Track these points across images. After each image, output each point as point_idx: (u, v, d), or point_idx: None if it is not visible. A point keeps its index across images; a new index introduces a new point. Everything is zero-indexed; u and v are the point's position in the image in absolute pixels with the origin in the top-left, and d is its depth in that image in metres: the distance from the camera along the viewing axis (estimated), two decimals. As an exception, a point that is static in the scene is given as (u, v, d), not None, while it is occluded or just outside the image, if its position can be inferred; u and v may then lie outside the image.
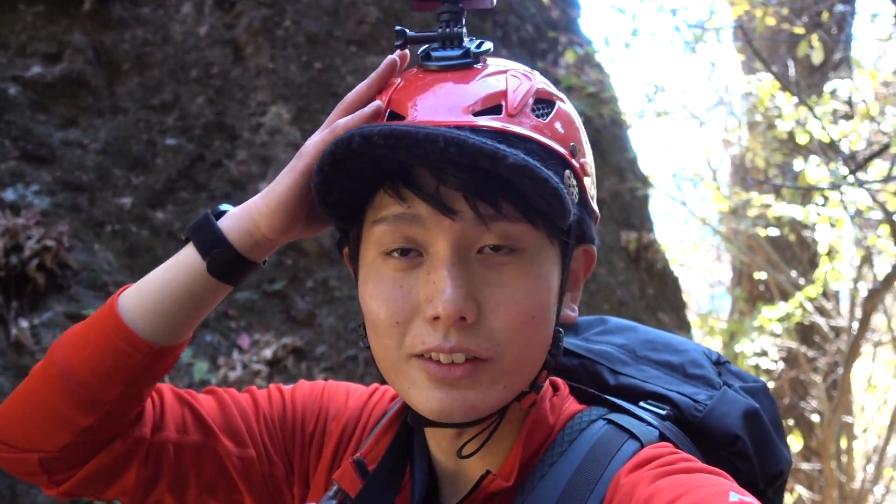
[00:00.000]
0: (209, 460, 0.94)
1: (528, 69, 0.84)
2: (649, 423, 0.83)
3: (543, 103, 0.80)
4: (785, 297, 5.32)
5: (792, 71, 4.80)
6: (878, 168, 4.49)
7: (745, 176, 6.04)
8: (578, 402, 0.89)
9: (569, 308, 0.85)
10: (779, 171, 5.56)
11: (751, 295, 6.02)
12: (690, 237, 7.25)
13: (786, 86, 4.01)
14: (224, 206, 0.90)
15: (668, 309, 4.51)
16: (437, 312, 0.73)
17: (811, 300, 5.09)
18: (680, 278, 4.92)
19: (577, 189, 0.80)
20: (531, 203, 0.72)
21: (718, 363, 0.95)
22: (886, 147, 3.42)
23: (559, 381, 0.90)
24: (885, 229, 4.60)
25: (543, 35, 4.44)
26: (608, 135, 4.52)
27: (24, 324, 2.70)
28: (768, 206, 4.63)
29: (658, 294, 4.50)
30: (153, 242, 3.08)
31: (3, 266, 2.69)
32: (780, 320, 4.87)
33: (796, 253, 5.74)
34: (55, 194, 2.95)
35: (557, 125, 0.79)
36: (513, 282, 0.75)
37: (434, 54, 0.80)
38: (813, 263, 5.57)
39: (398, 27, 0.84)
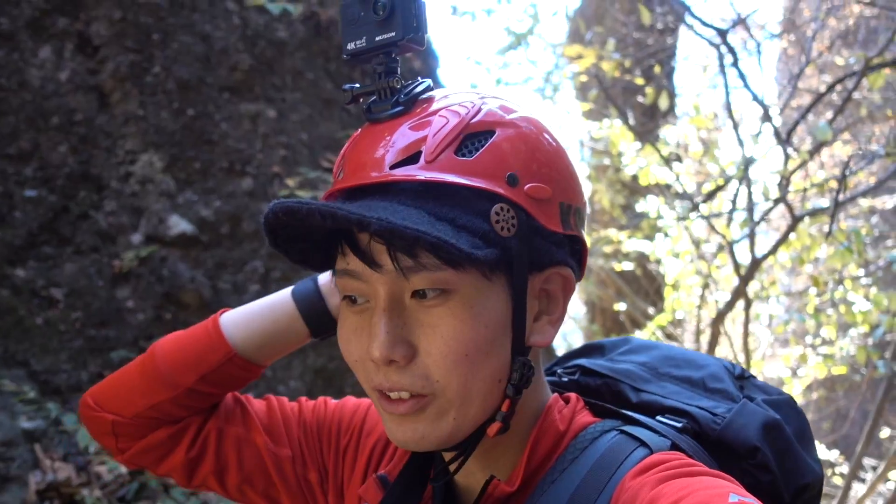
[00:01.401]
0: (248, 451, 1.04)
1: (476, 99, 0.83)
2: (663, 435, 0.85)
3: (476, 137, 0.80)
4: (638, 326, 5.69)
5: (631, 119, 5.24)
6: (710, 206, 4.98)
7: (591, 216, 6.46)
8: (593, 416, 0.90)
9: (539, 334, 0.84)
10: (622, 210, 6.01)
11: (604, 327, 6.38)
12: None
13: (631, 131, 4.38)
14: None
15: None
16: (372, 356, 0.78)
17: (662, 328, 5.48)
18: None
19: (513, 221, 0.78)
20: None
21: (742, 377, 0.97)
22: (725, 184, 3.81)
23: (571, 395, 0.92)
24: (721, 257, 5.09)
25: (408, 84, 4.56)
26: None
27: None
28: (621, 242, 4.97)
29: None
30: (15, 302, 2.81)
31: None
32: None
33: (642, 285, 6.18)
34: None
35: (490, 158, 0.79)
36: (442, 323, 0.77)
37: (373, 107, 0.82)
38: (658, 294, 6.02)
39: (345, 85, 0.85)
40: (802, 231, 4.50)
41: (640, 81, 4.62)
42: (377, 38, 0.81)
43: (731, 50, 3.51)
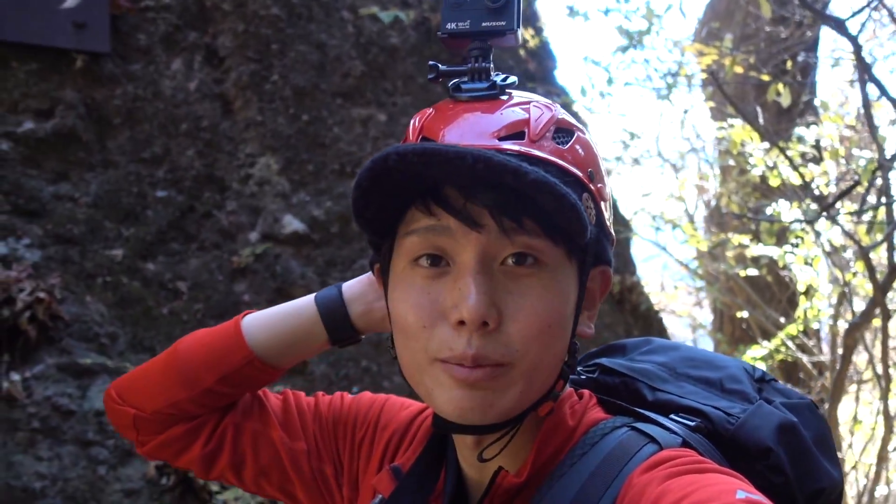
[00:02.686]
0: (264, 446, 1.06)
1: (550, 102, 0.89)
2: (674, 432, 0.84)
3: (563, 132, 0.85)
4: (767, 336, 5.39)
5: (760, 118, 4.97)
6: (848, 207, 4.64)
7: (719, 221, 6.18)
8: (606, 413, 0.91)
9: (585, 325, 0.88)
10: (752, 213, 5.71)
11: (733, 336, 6.09)
12: (670, 282, 7.34)
13: (756, 130, 4.16)
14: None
15: (653, 350, 4.56)
16: (461, 316, 0.76)
17: (793, 338, 5.17)
18: (663, 318, 4.98)
19: (594, 211, 0.84)
20: (552, 220, 0.77)
21: (762, 380, 0.96)
22: (856, 185, 3.54)
23: (585, 391, 0.93)
24: (859, 266, 4.73)
25: (521, 87, 4.57)
26: (588, 181, 4.62)
27: (16, 377, 2.68)
28: (745, 246, 4.74)
29: (643, 335, 4.55)
30: (144, 293, 3.08)
31: (-7, 319, 2.68)
32: (764, 359, 4.93)
33: (775, 293, 5.84)
34: (46, 247, 2.96)
35: (576, 151, 0.84)
36: (532, 292, 0.79)
37: (463, 86, 0.85)
38: (792, 302, 5.68)
39: (431, 62, 0.89)
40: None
41: (766, 78, 4.39)
42: (483, 24, 0.85)
43: (863, 63, 3.25)
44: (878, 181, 3.97)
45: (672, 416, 0.89)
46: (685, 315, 8.04)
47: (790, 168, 4.36)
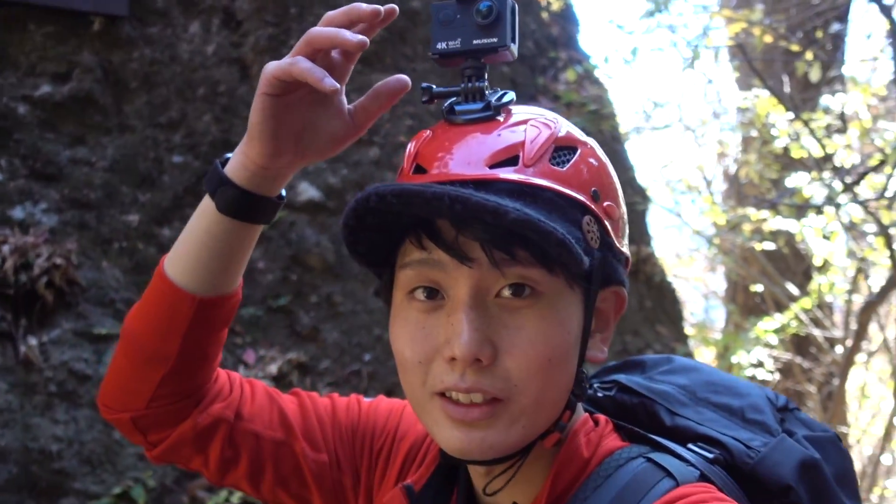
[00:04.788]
0: (286, 457, 1.01)
1: (553, 117, 0.85)
2: (692, 464, 0.82)
3: (564, 150, 0.82)
4: (780, 308, 5.38)
5: (787, 87, 4.86)
6: (871, 183, 4.56)
7: (738, 190, 6.11)
8: (622, 440, 0.89)
9: (597, 349, 0.86)
10: (772, 185, 5.63)
11: (745, 306, 6.07)
12: (686, 249, 7.29)
13: (781, 101, 4.08)
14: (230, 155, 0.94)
15: (666, 321, 4.56)
16: (453, 353, 0.76)
17: (806, 311, 5.15)
18: (677, 290, 4.97)
19: (597, 234, 0.81)
20: (545, 250, 0.74)
21: (785, 409, 0.94)
22: (882, 164, 3.48)
23: (601, 417, 0.91)
24: (879, 242, 4.67)
25: (544, 51, 4.49)
26: (607, 150, 4.51)
27: (33, 341, 2.72)
28: (764, 220, 4.69)
29: (656, 306, 4.54)
30: (160, 259, 3.10)
31: (12, 284, 2.71)
32: (776, 331, 4.92)
33: (791, 265, 5.80)
34: (63, 212, 2.98)
35: (578, 171, 0.82)
36: (529, 325, 0.77)
37: (457, 108, 0.84)
38: (807, 275, 5.64)
39: (424, 84, 0.87)
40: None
41: (795, 48, 4.27)
42: (475, 42, 0.83)
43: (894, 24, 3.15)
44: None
45: (690, 445, 0.87)
46: (699, 280, 8.02)
47: (813, 139, 4.28)
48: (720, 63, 5.78)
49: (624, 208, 0.89)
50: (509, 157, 0.79)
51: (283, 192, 0.95)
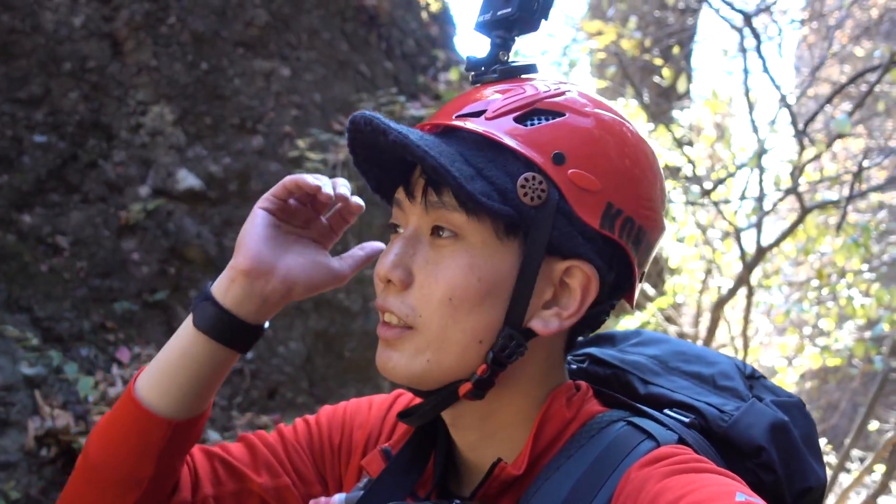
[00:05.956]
0: (249, 501, 1.00)
1: (567, 86, 0.87)
2: (670, 428, 0.85)
3: (543, 113, 0.83)
4: (638, 307, 5.70)
5: (646, 99, 5.18)
6: (721, 192, 4.96)
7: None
8: (602, 405, 0.90)
9: (543, 320, 0.84)
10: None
11: (604, 306, 6.38)
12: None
13: (646, 111, 4.34)
14: None
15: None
16: (377, 271, 0.85)
17: (661, 310, 5.49)
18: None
19: (544, 193, 0.79)
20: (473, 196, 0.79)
21: (752, 377, 0.97)
22: (737, 170, 3.79)
23: (582, 383, 0.92)
24: (726, 245, 5.07)
25: (424, 50, 4.51)
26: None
27: None
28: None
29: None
30: (20, 248, 2.80)
31: None
32: (638, 328, 5.20)
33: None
34: None
35: (543, 133, 0.82)
36: (441, 262, 0.82)
37: (480, 75, 0.91)
38: (661, 276, 6.02)
39: (468, 55, 0.93)
40: (810, 221, 4.47)
41: (658, 62, 4.56)
42: (498, 13, 0.89)
43: (755, 33, 3.45)
44: (752, 170, 4.26)
45: (666, 410, 0.89)
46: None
47: (674, 149, 4.58)
48: (586, 73, 6.07)
49: (634, 197, 0.84)
50: (476, 111, 0.84)
51: (267, 325, 0.94)
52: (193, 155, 3.23)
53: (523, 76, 0.88)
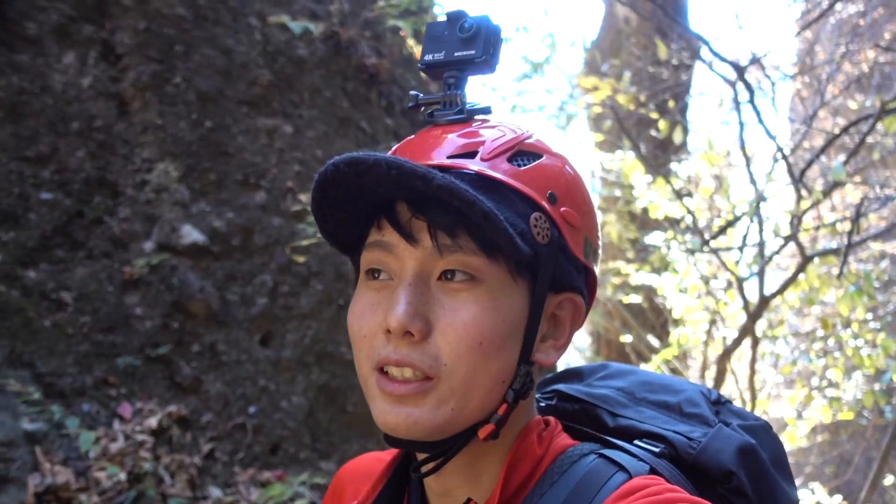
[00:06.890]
0: None
1: (526, 128, 0.90)
2: (641, 459, 0.84)
3: (527, 155, 0.86)
4: (643, 359, 5.66)
5: (643, 151, 5.26)
6: (720, 243, 4.98)
7: (603, 249, 6.44)
8: (572, 439, 0.90)
9: (545, 353, 0.86)
10: (632, 243, 6.00)
11: (609, 358, 6.34)
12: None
13: (644, 163, 4.40)
14: None
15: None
16: (388, 325, 0.78)
17: (667, 362, 5.45)
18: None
19: (547, 232, 0.83)
20: (488, 238, 0.78)
21: (718, 402, 0.97)
22: (736, 221, 3.81)
23: (551, 418, 0.92)
24: (729, 295, 5.07)
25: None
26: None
27: None
28: (629, 274, 4.96)
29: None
30: (24, 303, 2.81)
31: None
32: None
33: (649, 318, 6.15)
34: (-90, 249, 2.64)
35: (535, 174, 0.85)
36: (464, 307, 0.79)
37: (436, 113, 0.90)
38: (665, 327, 5.99)
39: (413, 91, 0.93)
40: (811, 271, 4.48)
41: (654, 115, 4.64)
42: (456, 54, 0.88)
43: (748, 86, 3.52)
44: (751, 220, 4.29)
45: (636, 441, 0.90)
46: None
47: (674, 200, 4.63)
48: (583, 127, 6.16)
49: (594, 228, 0.92)
50: (469, 152, 0.83)
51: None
52: (197, 210, 3.26)
53: (477, 117, 0.90)
